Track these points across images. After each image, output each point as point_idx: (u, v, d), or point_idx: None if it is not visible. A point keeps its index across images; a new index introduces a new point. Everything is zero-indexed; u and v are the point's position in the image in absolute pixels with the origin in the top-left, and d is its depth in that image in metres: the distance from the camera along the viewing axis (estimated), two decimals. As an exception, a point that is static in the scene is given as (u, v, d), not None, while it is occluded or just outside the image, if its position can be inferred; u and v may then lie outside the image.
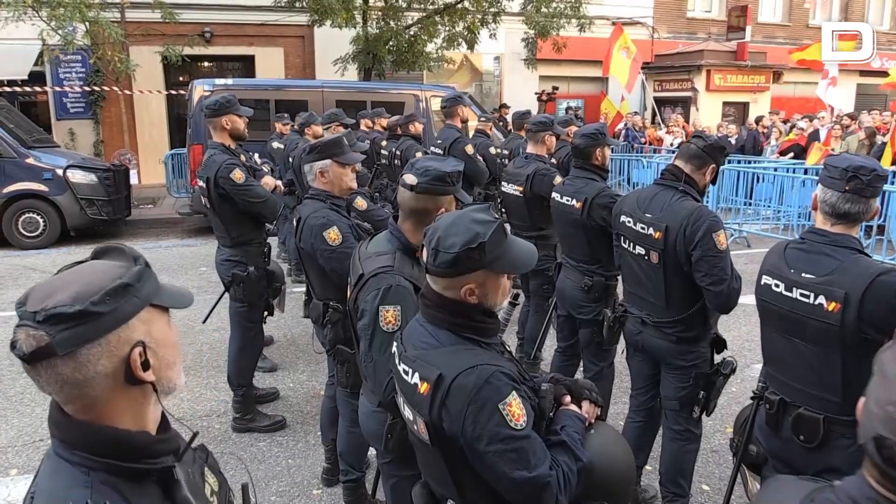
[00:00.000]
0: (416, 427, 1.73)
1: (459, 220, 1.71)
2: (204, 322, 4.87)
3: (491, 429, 1.57)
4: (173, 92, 15.28)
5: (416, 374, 1.70)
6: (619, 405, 4.27)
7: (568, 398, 1.83)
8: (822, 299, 2.22)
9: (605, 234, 3.64)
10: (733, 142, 12.66)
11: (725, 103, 17.54)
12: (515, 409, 1.58)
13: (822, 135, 11.45)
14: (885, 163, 9.98)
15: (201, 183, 4.16)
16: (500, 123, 12.01)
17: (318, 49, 16.28)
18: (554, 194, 4.09)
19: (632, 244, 3.22)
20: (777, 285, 2.38)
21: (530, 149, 4.82)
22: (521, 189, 4.65)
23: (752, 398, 2.60)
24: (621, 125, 15.07)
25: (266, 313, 4.47)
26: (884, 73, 21.64)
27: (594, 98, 18.01)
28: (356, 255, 2.53)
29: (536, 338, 4.69)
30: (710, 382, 3.14)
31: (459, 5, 14.08)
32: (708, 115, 16.19)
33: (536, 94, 15.05)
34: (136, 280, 1.10)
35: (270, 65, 16.36)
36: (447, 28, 14.29)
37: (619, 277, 3.72)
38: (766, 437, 2.52)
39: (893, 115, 12.16)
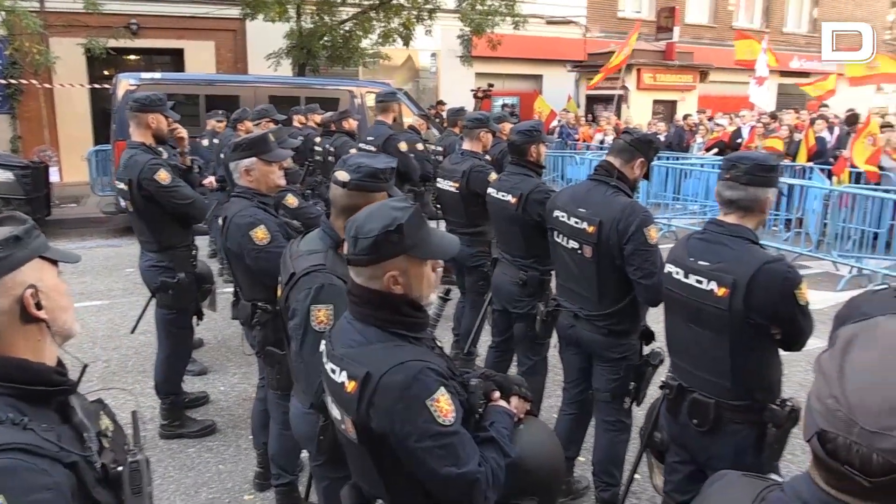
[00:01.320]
0: (343, 426, 1.70)
1: (378, 208, 1.73)
2: (132, 332, 4.67)
3: (419, 425, 1.56)
4: (97, 86, 14.66)
5: (344, 373, 1.66)
6: (554, 398, 4.31)
7: (497, 394, 1.83)
8: (713, 285, 2.32)
9: (541, 230, 3.67)
10: (663, 139, 13.00)
11: (655, 101, 18.02)
12: (444, 406, 1.57)
13: (745, 133, 11.87)
14: (801, 159, 10.46)
15: (121, 185, 3.98)
16: (437, 120, 12.01)
17: (250, 43, 15.91)
18: (490, 190, 4.11)
19: (566, 239, 3.26)
20: (678, 273, 2.48)
21: (466, 145, 4.83)
22: (456, 185, 4.65)
23: (660, 387, 2.68)
24: (555, 122, 15.28)
25: (196, 318, 4.33)
26: (803, 74, 22.67)
27: (529, 95, 18.22)
28: (287, 254, 2.48)
29: (472, 333, 4.69)
30: (640, 373, 3.21)
31: (394, 1, 14.01)
32: (639, 112, 16.58)
33: (472, 91, 15.12)
34: (25, 234, 1.32)
35: (201, 59, 15.89)
36: (382, 24, 14.20)
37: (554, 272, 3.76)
38: (667, 423, 2.62)
39: (810, 113, 12.71)
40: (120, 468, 1.37)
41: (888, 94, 16.52)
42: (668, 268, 2.54)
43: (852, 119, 10.39)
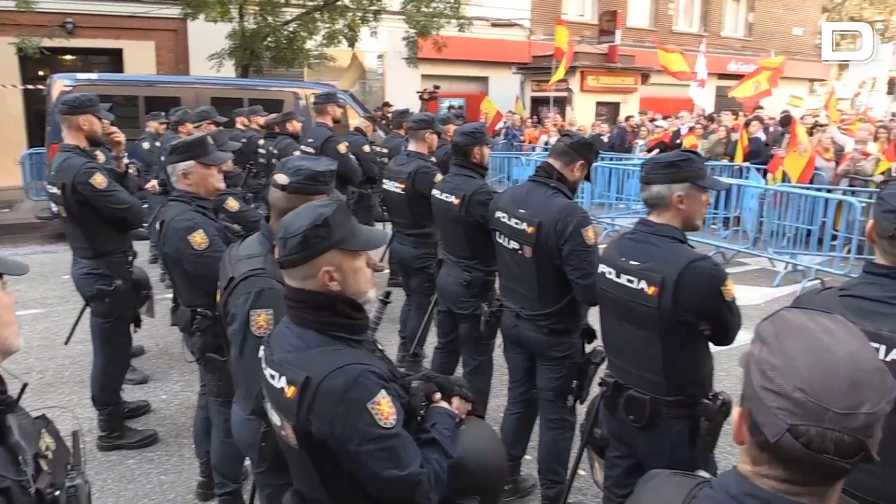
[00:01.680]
0: (283, 432, 1.69)
1: (303, 209, 1.74)
2: (66, 343, 4.52)
3: (360, 429, 1.56)
4: (31, 87, 14.12)
5: (283, 378, 1.65)
6: (500, 398, 4.34)
7: (438, 395, 1.84)
8: (643, 284, 2.38)
9: (484, 231, 3.70)
10: (606, 140, 13.26)
11: (599, 103, 18.37)
12: (385, 408, 1.57)
13: (683, 132, 12.20)
14: (738, 159, 10.83)
15: (54, 189, 3.85)
16: (383, 122, 11.97)
17: (192, 44, 15.57)
18: (434, 191, 4.12)
19: (507, 239, 3.30)
20: (610, 272, 2.53)
21: (411, 146, 4.83)
22: (402, 186, 4.65)
23: (599, 384, 2.74)
24: (501, 124, 15.42)
25: (134, 325, 4.22)
26: (741, 77, 23.38)
27: (475, 97, 18.34)
28: (226, 258, 2.45)
29: (417, 335, 4.70)
30: (582, 371, 3.26)
31: (339, 2, 13.91)
32: (583, 114, 16.86)
33: (418, 92, 15.13)
34: None
35: (140, 59, 15.45)
36: (327, 25, 14.09)
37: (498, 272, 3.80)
38: (606, 420, 2.68)
39: (746, 115, 13.12)
40: (57, 492, 1.32)
41: (819, 96, 17.17)
42: (602, 268, 2.59)
43: (786, 120, 10.77)
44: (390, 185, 4.79)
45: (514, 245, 3.26)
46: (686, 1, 23.76)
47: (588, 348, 3.30)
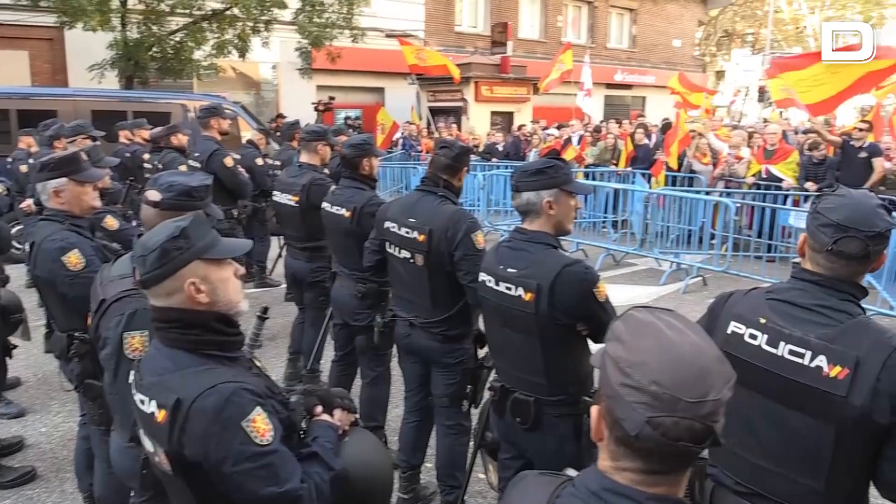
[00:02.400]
0: (157, 458, 1.63)
1: (159, 226, 1.70)
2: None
3: (236, 448, 1.52)
4: None
5: (153, 402, 1.59)
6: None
7: (320, 408, 1.83)
8: (521, 291, 2.46)
9: (376, 242, 3.71)
10: (501, 148, 13.55)
11: (493, 113, 18.76)
12: (261, 425, 1.55)
13: (575, 141, 12.65)
14: (621, 164, 11.39)
15: None
16: (277, 134, 11.77)
17: (70, 53, 14.77)
18: (324, 204, 4.10)
19: (397, 249, 3.33)
20: (490, 280, 2.60)
21: (304, 158, 4.78)
22: (296, 199, 4.59)
23: (488, 388, 2.80)
24: (398, 134, 15.48)
25: (5, 354, 3.95)
26: (626, 86, 24.49)
27: (372, 108, 18.32)
28: (97, 280, 2.35)
29: (314, 349, 4.64)
30: (476, 376, 3.32)
31: (228, 12, 13.57)
32: (478, 124, 17.16)
33: (313, 104, 14.96)
34: None
35: (13, 70, 14.47)
36: (216, 35, 13.71)
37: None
38: (496, 423, 2.74)
39: (632, 123, 13.77)
40: None
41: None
42: (482, 276, 2.65)
43: (666, 127, 11.39)
44: (282, 198, 4.71)
45: (405, 254, 3.29)
46: (574, 14, 24.69)
47: (480, 353, 3.37)
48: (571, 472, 1.22)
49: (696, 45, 30.45)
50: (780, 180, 9.42)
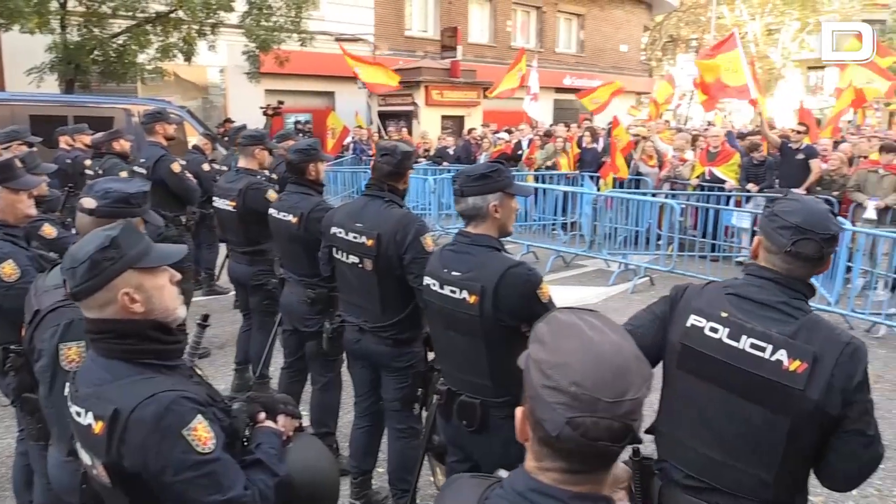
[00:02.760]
0: (95, 471, 1.60)
1: (89, 236, 1.66)
2: None
3: (177, 457, 1.50)
4: None
5: (90, 414, 1.56)
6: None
7: (263, 415, 1.82)
8: (465, 293, 2.49)
9: (324, 247, 3.69)
10: (452, 152, 13.61)
11: (444, 117, 18.80)
12: (202, 433, 1.53)
13: (525, 145, 12.79)
14: (566, 168, 11.59)
15: None
16: (224, 139, 11.59)
17: (6, 57, 14.24)
18: (271, 210, 4.07)
19: (345, 254, 3.32)
20: (434, 284, 2.62)
21: (242, 163, 4.77)
22: (233, 204, 4.58)
23: (435, 392, 2.82)
24: (349, 139, 15.40)
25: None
26: (575, 90, 24.83)
27: (322, 112, 18.18)
28: (32, 290, 2.29)
29: (262, 356, 4.60)
30: (427, 379, 3.32)
31: (173, 14, 13.30)
32: (429, 128, 17.19)
33: (262, 108, 14.77)
34: None
35: (-56, 75, 13.98)
36: (160, 38, 13.42)
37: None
38: (443, 426, 2.76)
39: (580, 126, 13.99)
40: None
41: (642, 111, 18.54)
42: (426, 280, 2.67)
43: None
44: (221, 203, 4.71)
45: (353, 259, 3.29)
46: (523, 18, 24.96)
47: (431, 356, 3.38)
48: (503, 474, 1.23)
49: (642, 50, 31.11)
50: (723, 182, 9.69)
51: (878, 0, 33.94)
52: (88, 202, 2.12)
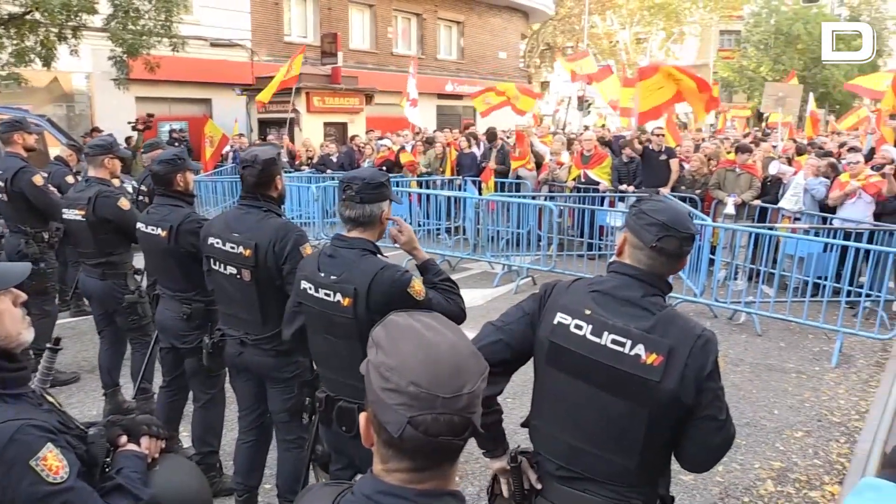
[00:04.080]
0: None
1: None
2: None
3: (25, 490, 1.43)
4: None
5: None
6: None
7: (124, 438, 1.74)
8: (339, 296, 2.52)
9: (197, 260, 3.57)
10: (335, 160, 13.50)
11: (326, 123, 18.61)
12: (52, 462, 1.46)
13: (409, 149, 12.89)
14: (448, 172, 11.85)
15: None
16: (92, 149, 10.95)
17: None
18: (139, 225, 3.90)
19: (222, 265, 3.24)
20: (310, 288, 2.63)
21: (91, 172, 4.62)
22: (83, 213, 4.42)
23: (314, 401, 2.81)
24: (228, 147, 14.94)
25: None
26: (457, 96, 25.26)
27: (199, 120, 17.53)
28: None
29: (140, 375, 4.40)
30: (314, 387, 3.28)
31: (29, 16, 12.41)
32: (311, 135, 16.97)
33: (130, 123, 13.97)
34: None
35: None
36: (15, 42, 12.48)
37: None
38: (324, 434, 2.77)
39: (462, 132, 14.26)
40: None
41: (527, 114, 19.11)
42: (303, 284, 2.66)
43: (492, 136, 11.88)
44: (70, 214, 4.54)
45: (231, 270, 3.21)
46: (403, 25, 25.12)
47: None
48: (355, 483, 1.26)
49: (520, 58, 32.08)
50: (598, 183, 10.18)
51: (734, 12, 36.78)
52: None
